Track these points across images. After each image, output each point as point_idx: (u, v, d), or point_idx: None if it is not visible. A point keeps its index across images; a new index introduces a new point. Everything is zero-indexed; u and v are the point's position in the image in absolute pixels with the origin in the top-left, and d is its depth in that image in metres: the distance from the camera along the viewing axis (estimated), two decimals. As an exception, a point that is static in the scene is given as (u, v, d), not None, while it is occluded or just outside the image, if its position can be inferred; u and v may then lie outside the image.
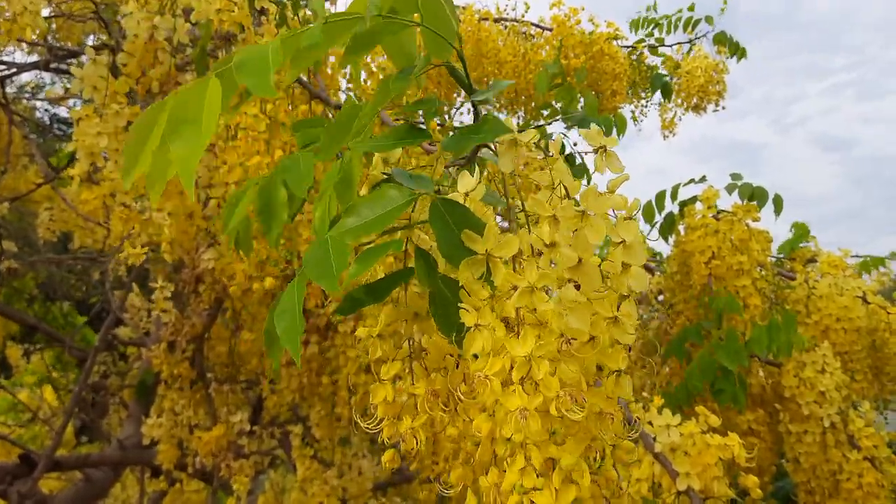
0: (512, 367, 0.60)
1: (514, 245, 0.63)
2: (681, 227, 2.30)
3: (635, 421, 1.31)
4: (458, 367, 0.72)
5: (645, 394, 2.16)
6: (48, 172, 2.71)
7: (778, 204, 2.19)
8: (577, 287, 0.62)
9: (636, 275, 0.65)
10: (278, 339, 0.61)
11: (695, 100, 3.61)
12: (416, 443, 0.73)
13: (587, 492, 0.61)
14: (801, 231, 3.15)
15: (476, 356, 0.64)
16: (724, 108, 3.69)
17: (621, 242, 0.62)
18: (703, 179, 2.26)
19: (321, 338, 1.63)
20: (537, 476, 0.61)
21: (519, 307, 0.62)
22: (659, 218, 2.29)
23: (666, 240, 2.32)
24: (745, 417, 2.16)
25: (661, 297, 2.74)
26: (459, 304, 0.63)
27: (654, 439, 1.27)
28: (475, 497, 0.72)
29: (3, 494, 2.71)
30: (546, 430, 0.60)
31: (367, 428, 0.77)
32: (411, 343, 0.76)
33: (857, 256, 2.97)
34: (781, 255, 2.88)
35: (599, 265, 0.64)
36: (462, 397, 0.67)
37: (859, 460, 1.96)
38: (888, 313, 2.26)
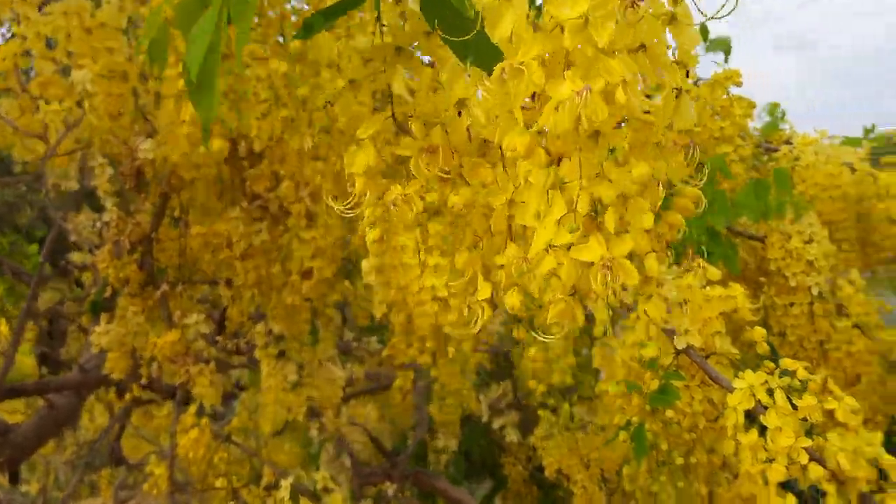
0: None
1: None
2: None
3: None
4: (460, 116, 0.55)
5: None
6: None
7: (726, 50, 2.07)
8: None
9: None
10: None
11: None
12: (413, 213, 0.56)
13: (646, 240, 0.45)
14: (774, 111, 3.05)
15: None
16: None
17: None
18: (681, 45, 2.10)
19: (273, 223, 1.47)
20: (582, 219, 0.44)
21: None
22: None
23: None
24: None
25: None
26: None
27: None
28: (488, 284, 0.57)
29: (-42, 424, 2.57)
30: (605, 147, 0.43)
31: (343, 210, 0.60)
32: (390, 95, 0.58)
33: (832, 137, 2.89)
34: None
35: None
36: (468, 153, 0.52)
37: (848, 328, 1.89)
38: (875, 180, 2.17)
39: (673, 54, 0.47)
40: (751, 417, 1.05)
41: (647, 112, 0.45)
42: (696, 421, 1.10)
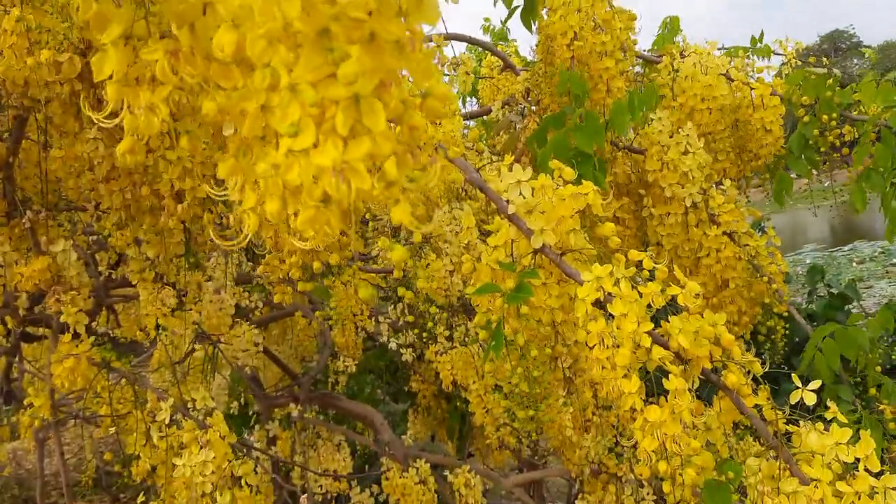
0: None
1: None
2: (544, 13, 2.15)
3: (486, 185, 1.22)
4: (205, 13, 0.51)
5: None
6: None
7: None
8: None
9: None
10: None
11: None
12: (160, 123, 0.56)
13: (386, 143, 0.44)
14: (673, 25, 3.07)
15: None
16: None
17: None
18: (564, -44, 2.08)
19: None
20: (316, 124, 0.43)
21: None
22: (519, 1, 2.14)
23: (528, 27, 2.17)
24: (610, 206, 2.14)
25: (530, 99, 2.64)
26: None
27: (508, 203, 1.17)
28: (252, 193, 0.57)
29: None
30: (324, 52, 0.42)
31: (100, 120, 0.59)
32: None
33: (723, 48, 2.96)
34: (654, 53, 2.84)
35: None
36: (218, 55, 0.50)
37: (718, 235, 1.98)
38: (752, 89, 2.24)
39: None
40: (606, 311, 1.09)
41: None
42: (555, 316, 1.14)
